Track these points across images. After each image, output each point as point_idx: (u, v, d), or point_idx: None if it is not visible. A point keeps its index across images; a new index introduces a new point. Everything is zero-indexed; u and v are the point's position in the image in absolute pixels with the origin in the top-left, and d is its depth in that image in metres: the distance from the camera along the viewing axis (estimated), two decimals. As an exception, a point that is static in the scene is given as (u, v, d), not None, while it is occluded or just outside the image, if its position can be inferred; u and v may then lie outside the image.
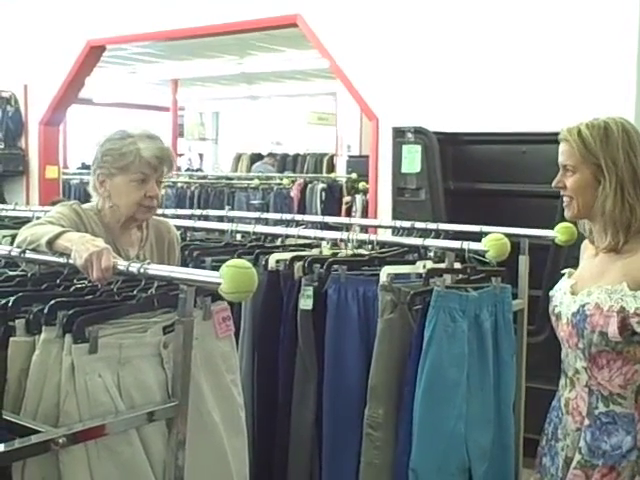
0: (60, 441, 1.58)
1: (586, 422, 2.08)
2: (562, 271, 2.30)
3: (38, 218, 2.59)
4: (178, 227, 2.95)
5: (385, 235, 3.48)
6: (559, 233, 2.94)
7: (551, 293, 2.26)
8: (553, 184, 2.13)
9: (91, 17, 6.36)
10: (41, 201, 6.61)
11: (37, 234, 2.14)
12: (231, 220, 3.86)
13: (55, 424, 1.67)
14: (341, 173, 9.69)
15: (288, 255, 2.82)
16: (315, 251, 3.02)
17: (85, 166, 11.07)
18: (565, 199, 2.12)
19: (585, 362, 2.07)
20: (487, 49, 4.49)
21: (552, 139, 2.16)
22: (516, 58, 4.39)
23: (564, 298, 2.16)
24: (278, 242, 3.23)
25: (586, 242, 2.26)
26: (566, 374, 2.18)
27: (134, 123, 2.68)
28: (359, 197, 8.19)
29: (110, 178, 2.45)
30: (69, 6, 6.57)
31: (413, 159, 4.40)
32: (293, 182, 8.96)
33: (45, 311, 1.73)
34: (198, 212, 4.10)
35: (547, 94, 4.27)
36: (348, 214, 8.04)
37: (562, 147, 2.10)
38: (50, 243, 2.08)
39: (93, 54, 6.55)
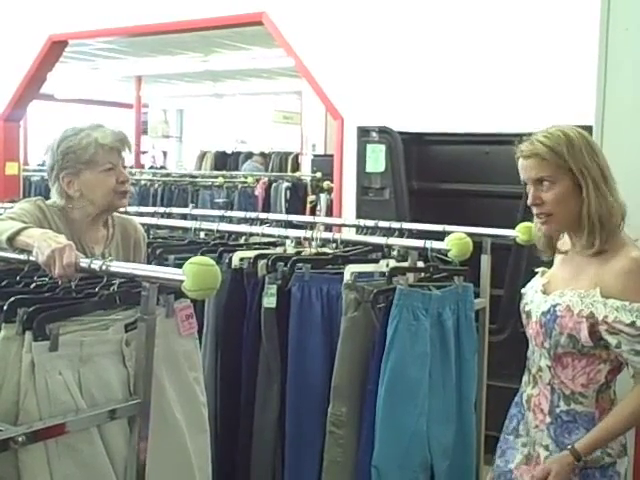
0: (19, 439, 1.56)
1: (547, 420, 2.11)
2: (535, 269, 2.30)
3: (-2, 215, 2.55)
4: (141, 225, 2.92)
5: (349, 234, 3.48)
6: (520, 233, 2.97)
7: (523, 291, 2.26)
8: (529, 202, 2.06)
9: (53, 11, 6.27)
10: (0, 198, 6.51)
11: (-3, 230, 2.11)
12: (195, 218, 3.84)
13: (14, 422, 1.65)
14: (306, 172, 9.67)
15: (252, 253, 2.81)
16: (279, 249, 3.01)
17: (46, 163, 10.92)
18: (541, 217, 2.07)
19: (549, 361, 2.09)
20: (451, 51, 4.52)
21: (514, 140, 2.16)
22: (480, 60, 4.43)
23: (535, 297, 2.17)
24: (242, 240, 3.23)
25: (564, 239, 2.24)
26: (530, 371, 2.20)
27: (97, 120, 2.66)
28: (323, 196, 8.19)
29: (77, 176, 2.41)
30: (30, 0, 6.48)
31: (377, 158, 4.42)
32: (257, 181, 8.94)
33: (5, 308, 1.70)
34: (161, 210, 4.07)
35: (510, 95, 4.31)
36: (312, 213, 8.04)
37: (530, 162, 2.04)
38: (11, 239, 2.05)
39: (55, 49, 6.45)
